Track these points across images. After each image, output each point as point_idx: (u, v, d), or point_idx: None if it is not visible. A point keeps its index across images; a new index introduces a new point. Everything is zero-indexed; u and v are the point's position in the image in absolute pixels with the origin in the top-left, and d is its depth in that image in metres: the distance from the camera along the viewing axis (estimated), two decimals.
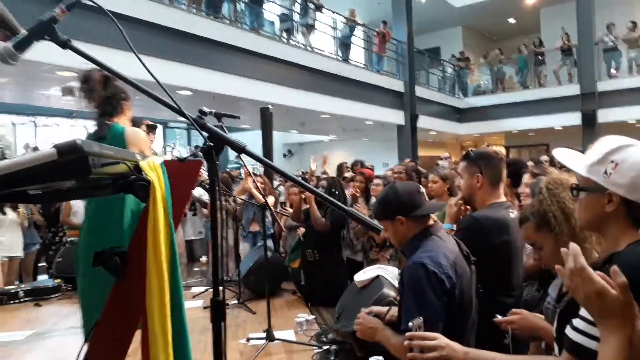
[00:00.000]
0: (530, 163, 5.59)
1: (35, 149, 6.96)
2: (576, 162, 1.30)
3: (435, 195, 3.62)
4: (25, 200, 1.08)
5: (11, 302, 4.51)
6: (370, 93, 11.96)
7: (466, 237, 2.11)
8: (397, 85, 13.20)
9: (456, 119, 16.07)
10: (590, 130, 12.83)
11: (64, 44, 1.18)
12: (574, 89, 13.67)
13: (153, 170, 1.31)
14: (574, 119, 13.48)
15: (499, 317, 1.75)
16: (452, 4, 15.69)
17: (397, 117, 13.10)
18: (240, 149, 1.12)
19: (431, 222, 1.97)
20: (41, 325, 3.87)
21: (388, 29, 13.30)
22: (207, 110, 2.99)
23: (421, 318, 1.52)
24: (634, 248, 1.13)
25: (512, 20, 17.37)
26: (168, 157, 13.47)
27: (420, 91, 13.80)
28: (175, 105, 1.15)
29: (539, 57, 14.87)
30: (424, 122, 13.46)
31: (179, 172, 1.39)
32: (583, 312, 1.17)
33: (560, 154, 1.37)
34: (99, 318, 1.39)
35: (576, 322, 1.19)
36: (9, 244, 5.50)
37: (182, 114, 1.15)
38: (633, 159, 1.19)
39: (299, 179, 5.42)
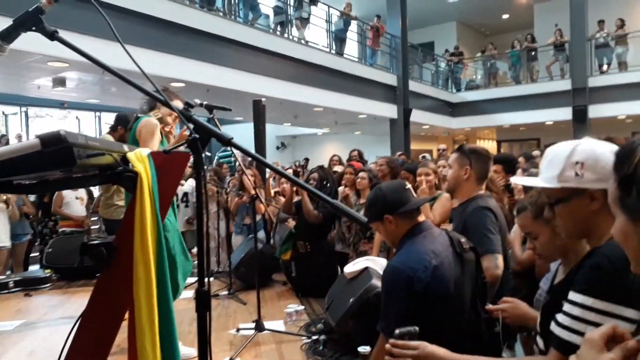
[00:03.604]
0: (521, 159, 5.63)
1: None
2: (541, 180, 1.33)
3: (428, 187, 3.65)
4: (11, 190, 1.09)
5: (1, 292, 4.51)
6: (364, 87, 11.96)
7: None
8: (391, 79, 13.21)
9: (449, 113, 16.12)
10: (581, 125, 12.92)
11: (51, 35, 1.18)
12: (565, 85, 13.75)
13: (140, 162, 1.32)
14: (565, 114, 13.56)
15: (490, 305, 1.77)
16: None
17: (390, 110, 13.12)
18: (226, 142, 1.13)
19: (421, 218, 1.98)
20: (31, 315, 3.88)
21: (382, 23, 13.29)
22: (198, 102, 3.04)
23: (416, 328, 1.50)
24: (614, 243, 1.17)
25: (505, 16, 17.41)
26: None
27: (413, 85, 13.82)
28: (161, 98, 1.16)
29: (532, 52, 14.94)
30: (416, 116, 13.50)
31: (166, 164, 1.40)
32: (566, 307, 1.18)
33: (523, 180, 1.40)
34: (85, 308, 1.40)
35: (560, 317, 1.19)
36: None
37: (168, 106, 1.16)
38: (592, 152, 1.23)
39: (291, 171, 5.45)
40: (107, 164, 1.19)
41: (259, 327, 3.28)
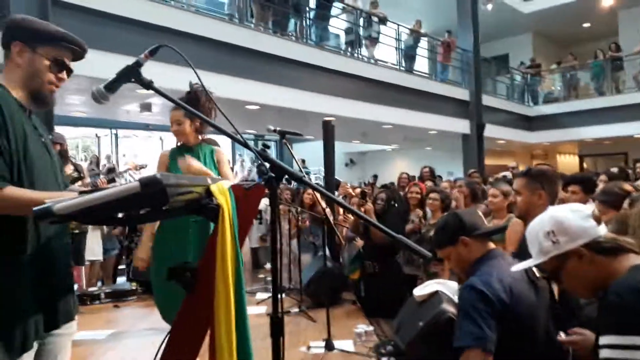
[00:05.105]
0: (603, 177, 5.35)
1: (111, 169, 7.49)
2: (532, 261, 1.45)
3: (495, 210, 3.57)
4: (111, 223, 1.26)
5: (93, 302, 4.91)
6: (434, 102, 11.83)
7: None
8: (463, 94, 12.96)
9: (526, 127, 15.51)
10: None
11: (148, 85, 1.36)
12: None
13: (222, 194, 1.45)
14: None
15: (563, 336, 1.75)
16: (520, 11, 15.20)
17: (462, 126, 12.85)
18: (298, 179, 1.25)
19: (492, 246, 1.99)
20: (119, 325, 4.19)
21: (453, 38, 13.12)
22: (272, 128, 3.18)
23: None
24: (622, 277, 1.24)
25: (586, 25, 16.55)
26: (238, 165, 13.91)
27: (487, 99, 13.47)
28: (241, 139, 1.28)
29: (617, 62, 14.08)
30: (491, 130, 13.12)
31: (244, 196, 1.53)
32: (601, 353, 1.20)
33: (519, 265, 1.55)
34: (173, 325, 1.55)
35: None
36: (89, 248, 5.95)
37: (247, 147, 1.28)
38: (555, 218, 1.37)
39: (358, 190, 5.48)
40: (193, 198, 1.33)
41: (329, 346, 3.35)
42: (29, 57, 1.55)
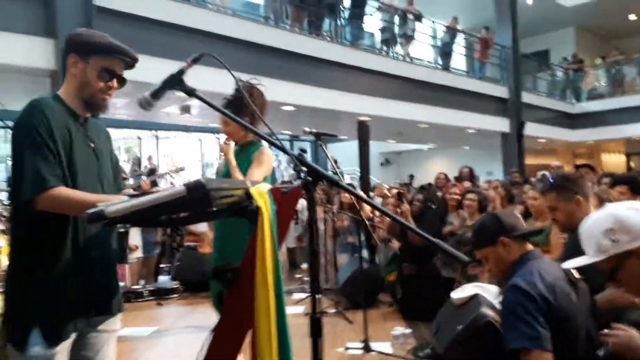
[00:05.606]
0: None
1: (153, 170, 7.77)
2: (587, 258, 1.41)
3: (536, 212, 3.47)
4: (156, 224, 1.31)
5: (137, 300, 5.08)
6: (472, 101, 11.61)
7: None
8: (501, 91, 12.67)
9: (568, 125, 15.03)
10: None
11: (190, 93, 1.40)
12: None
13: (261, 197, 1.49)
14: None
15: (605, 330, 1.71)
16: (562, 4, 14.72)
17: (501, 124, 12.57)
18: (334, 183, 1.27)
19: (530, 247, 1.96)
20: (162, 323, 4.32)
21: (491, 34, 12.84)
22: (307, 130, 3.21)
23: None
24: None
25: (632, 17, 15.88)
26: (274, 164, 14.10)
27: (526, 97, 13.13)
28: (278, 143, 1.31)
29: None
30: (531, 129, 12.77)
31: (282, 198, 1.56)
32: None
33: (571, 263, 1.53)
34: (216, 324, 1.59)
35: None
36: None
37: (284, 151, 1.31)
38: (616, 216, 1.33)
39: (395, 190, 5.46)
40: (234, 201, 1.37)
41: (367, 348, 3.36)
42: (82, 68, 1.67)
